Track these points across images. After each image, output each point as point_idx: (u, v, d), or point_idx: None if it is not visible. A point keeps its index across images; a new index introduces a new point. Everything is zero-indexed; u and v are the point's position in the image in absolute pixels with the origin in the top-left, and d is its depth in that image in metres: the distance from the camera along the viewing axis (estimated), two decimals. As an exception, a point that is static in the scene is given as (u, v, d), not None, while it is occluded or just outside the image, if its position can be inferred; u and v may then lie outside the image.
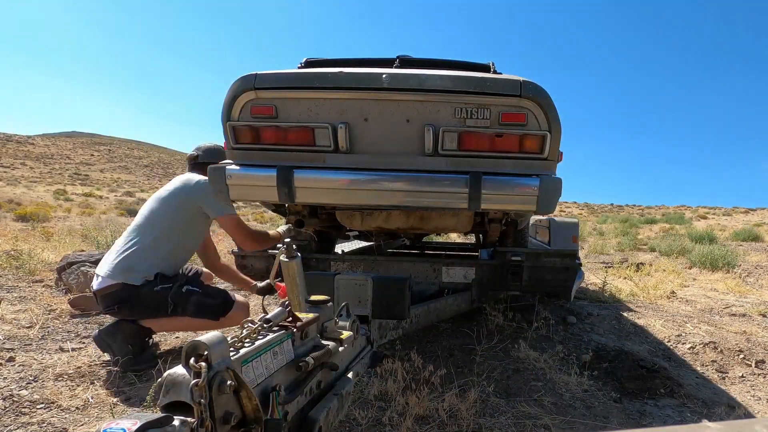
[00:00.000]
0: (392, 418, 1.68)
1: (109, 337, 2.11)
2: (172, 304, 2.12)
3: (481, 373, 2.17)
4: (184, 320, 2.22)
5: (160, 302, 2.11)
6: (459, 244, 6.19)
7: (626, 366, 2.31)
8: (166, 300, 2.11)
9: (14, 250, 4.51)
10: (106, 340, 2.11)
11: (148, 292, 2.10)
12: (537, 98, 1.86)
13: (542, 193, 1.86)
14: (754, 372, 2.37)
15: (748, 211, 33.80)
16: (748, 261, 6.97)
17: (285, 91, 1.95)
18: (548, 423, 1.71)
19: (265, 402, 0.82)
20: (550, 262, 2.38)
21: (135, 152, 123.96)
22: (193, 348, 0.70)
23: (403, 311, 1.64)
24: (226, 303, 2.28)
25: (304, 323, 1.01)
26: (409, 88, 1.88)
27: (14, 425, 1.59)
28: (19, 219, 10.87)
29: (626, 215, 28.08)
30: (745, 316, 3.52)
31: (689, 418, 1.84)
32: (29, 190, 30.53)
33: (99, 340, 2.13)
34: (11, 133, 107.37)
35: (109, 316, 2.26)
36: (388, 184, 1.94)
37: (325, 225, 2.72)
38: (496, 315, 2.91)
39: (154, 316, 2.16)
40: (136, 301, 2.09)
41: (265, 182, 1.98)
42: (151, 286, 2.11)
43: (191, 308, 2.17)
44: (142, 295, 2.09)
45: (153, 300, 2.11)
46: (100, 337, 2.13)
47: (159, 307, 2.12)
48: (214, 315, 2.25)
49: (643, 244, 10.12)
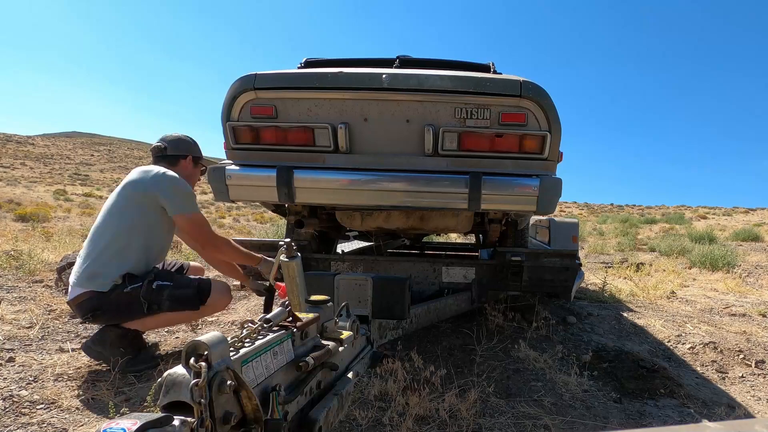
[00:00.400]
0: (392, 418, 1.68)
1: (97, 345, 2.05)
2: (146, 303, 2.01)
3: (481, 373, 2.17)
4: (166, 315, 2.11)
5: (133, 303, 2.01)
6: (459, 244, 6.19)
7: (626, 366, 2.31)
8: (138, 300, 2.00)
9: (14, 250, 4.51)
10: (95, 348, 2.05)
11: (119, 294, 1.99)
12: (537, 98, 1.86)
13: (542, 194, 1.87)
14: (754, 372, 2.37)
15: (748, 211, 33.80)
16: (748, 261, 6.98)
17: (285, 92, 1.96)
18: (548, 423, 1.71)
19: (265, 402, 0.82)
20: (550, 262, 2.38)
21: (135, 152, 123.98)
22: (193, 348, 0.70)
23: (403, 311, 1.64)
24: (201, 290, 2.14)
25: (304, 323, 1.01)
26: (409, 88, 1.88)
27: (14, 425, 1.59)
28: (19, 219, 10.87)
29: (626, 215, 28.08)
30: (745, 316, 3.52)
31: (689, 418, 1.84)
32: (29, 190, 30.54)
33: (89, 350, 2.07)
34: (11, 133, 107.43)
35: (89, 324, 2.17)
36: (388, 185, 1.94)
37: (325, 225, 2.73)
38: (496, 315, 2.91)
39: (131, 318, 2.06)
40: (108, 307, 1.99)
41: (265, 182, 1.98)
42: (121, 289, 2.00)
43: (166, 303, 2.06)
44: (113, 300, 1.99)
45: (125, 302, 2.00)
46: (89, 347, 2.06)
47: (133, 308, 2.02)
48: (192, 305, 2.13)
49: (643, 244, 10.13)
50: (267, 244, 2.62)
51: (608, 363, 2.36)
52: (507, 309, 3.02)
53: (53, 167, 71.44)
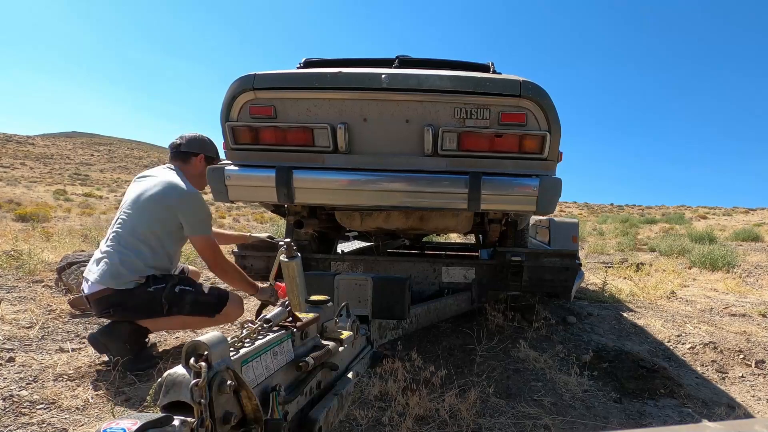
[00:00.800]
0: (392, 418, 1.68)
1: (104, 338, 2.10)
2: (167, 305, 2.11)
3: (481, 373, 2.17)
4: (180, 318, 2.21)
5: (155, 303, 2.09)
6: (459, 244, 6.19)
7: (626, 366, 2.31)
8: (160, 301, 2.09)
9: (14, 250, 4.51)
10: (101, 340, 2.10)
11: (141, 294, 2.07)
12: (536, 98, 1.86)
13: (542, 194, 1.87)
14: (754, 372, 2.37)
15: (748, 211, 33.80)
16: (748, 261, 6.97)
17: (284, 92, 1.95)
18: (548, 423, 1.71)
19: (265, 402, 0.82)
20: (550, 262, 2.38)
21: (135, 152, 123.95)
22: (193, 348, 0.70)
23: (403, 311, 1.64)
24: (220, 299, 2.27)
25: (304, 323, 1.01)
26: (409, 88, 1.88)
27: (14, 425, 1.59)
28: (19, 219, 10.87)
29: (626, 215, 28.08)
30: (745, 316, 3.52)
31: (689, 418, 1.84)
32: (29, 190, 30.54)
33: (95, 341, 2.11)
34: (11, 133, 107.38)
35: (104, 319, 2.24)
36: (388, 185, 1.94)
37: (324, 225, 2.73)
38: (496, 315, 2.91)
39: (150, 317, 2.14)
40: (130, 304, 2.07)
41: (264, 183, 1.98)
42: (144, 288, 2.08)
43: (187, 307, 2.16)
44: (136, 298, 2.07)
45: (147, 301, 2.09)
46: (95, 337, 2.11)
47: (154, 308, 2.10)
48: (210, 312, 2.24)
49: (643, 244, 10.12)
50: (267, 244, 2.62)
51: (608, 363, 2.37)
52: (507, 309, 3.02)
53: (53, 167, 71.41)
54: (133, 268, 2.08)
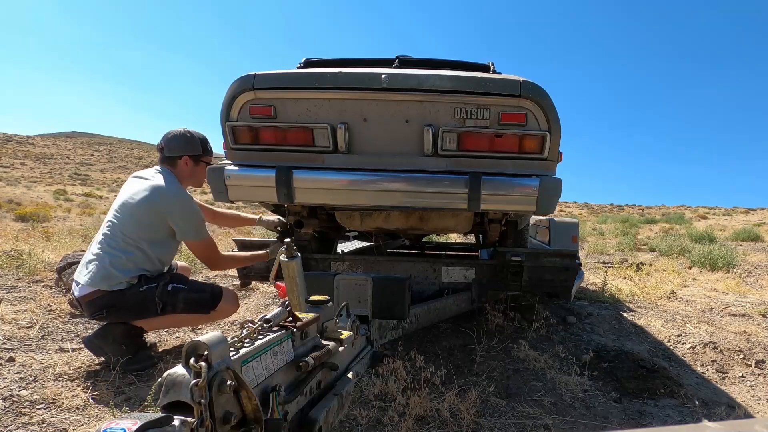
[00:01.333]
0: (392, 418, 1.68)
1: (99, 340, 2.08)
2: (160, 304, 2.08)
3: (481, 373, 2.17)
4: (174, 317, 2.19)
5: (148, 303, 2.07)
6: (459, 244, 6.19)
7: (626, 366, 2.31)
8: (153, 300, 2.07)
9: (14, 250, 4.51)
10: (97, 343, 2.08)
11: (134, 294, 2.04)
12: (536, 98, 1.86)
13: (542, 194, 1.87)
14: (754, 372, 2.37)
15: (748, 211, 33.80)
16: (748, 261, 6.97)
17: (284, 92, 1.95)
18: (548, 423, 1.71)
19: (265, 402, 0.82)
20: (550, 262, 2.38)
21: (135, 152, 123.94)
22: (193, 348, 0.70)
23: (403, 311, 1.65)
24: (214, 295, 2.25)
25: (304, 323, 1.01)
26: (409, 88, 1.88)
27: (14, 425, 1.59)
28: (19, 219, 10.87)
29: (626, 215, 28.07)
30: (745, 316, 3.52)
31: (689, 418, 1.84)
32: (29, 190, 30.54)
33: (90, 344, 2.09)
34: (11, 133, 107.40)
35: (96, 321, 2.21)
36: (388, 185, 1.94)
37: (324, 225, 2.73)
38: (496, 315, 2.91)
39: (144, 317, 2.12)
40: (123, 305, 2.04)
41: (264, 183, 1.98)
42: (137, 288, 2.06)
43: (180, 305, 2.14)
44: (129, 299, 2.04)
45: (140, 302, 2.06)
46: (90, 341, 2.09)
47: (147, 307, 2.07)
48: (204, 309, 2.22)
49: (643, 244, 10.12)
50: (267, 244, 2.62)
51: (608, 363, 2.36)
52: (507, 309, 3.02)
53: (53, 167, 71.42)
54: (124, 269, 2.04)
